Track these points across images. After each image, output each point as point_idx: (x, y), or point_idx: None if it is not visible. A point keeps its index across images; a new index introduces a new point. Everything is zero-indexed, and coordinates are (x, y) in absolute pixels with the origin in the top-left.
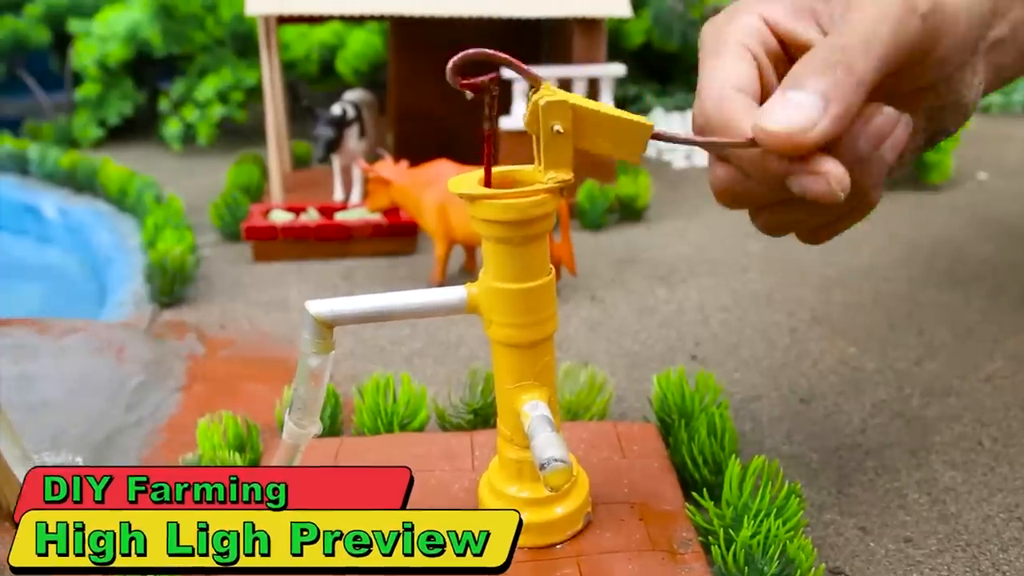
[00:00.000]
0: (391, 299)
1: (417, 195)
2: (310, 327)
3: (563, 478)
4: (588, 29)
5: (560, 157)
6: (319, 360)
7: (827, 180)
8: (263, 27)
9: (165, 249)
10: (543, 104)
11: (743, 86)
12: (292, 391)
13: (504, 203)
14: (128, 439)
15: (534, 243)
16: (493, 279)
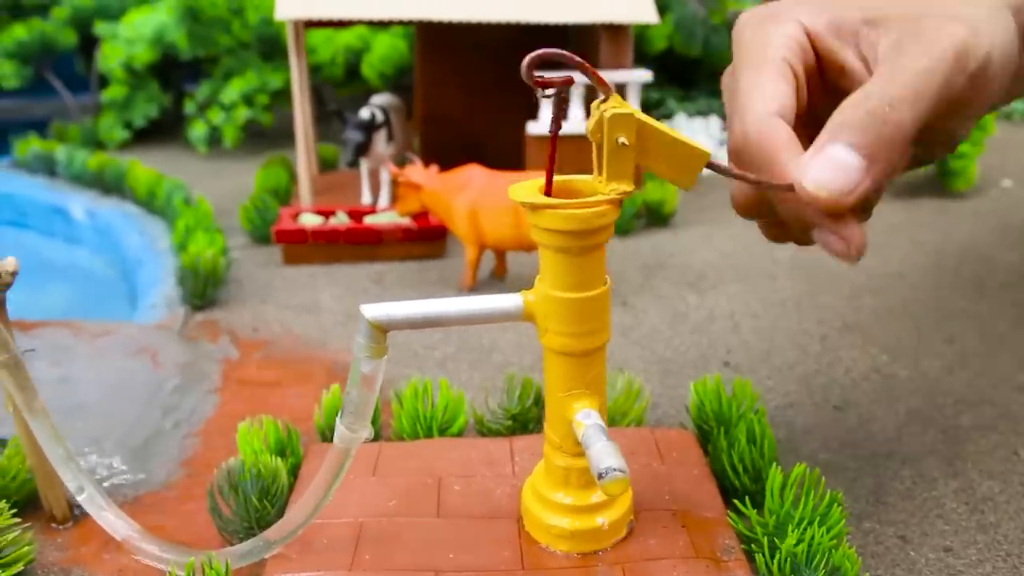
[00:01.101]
0: (446, 305)
1: (448, 199)
2: (365, 331)
3: (621, 487)
4: (615, 35)
5: (623, 169)
6: (372, 364)
7: (847, 246)
8: (292, 31)
9: (197, 252)
10: (609, 116)
11: (784, 111)
12: (344, 395)
13: (567, 213)
14: (166, 442)
15: (593, 253)
16: (550, 287)
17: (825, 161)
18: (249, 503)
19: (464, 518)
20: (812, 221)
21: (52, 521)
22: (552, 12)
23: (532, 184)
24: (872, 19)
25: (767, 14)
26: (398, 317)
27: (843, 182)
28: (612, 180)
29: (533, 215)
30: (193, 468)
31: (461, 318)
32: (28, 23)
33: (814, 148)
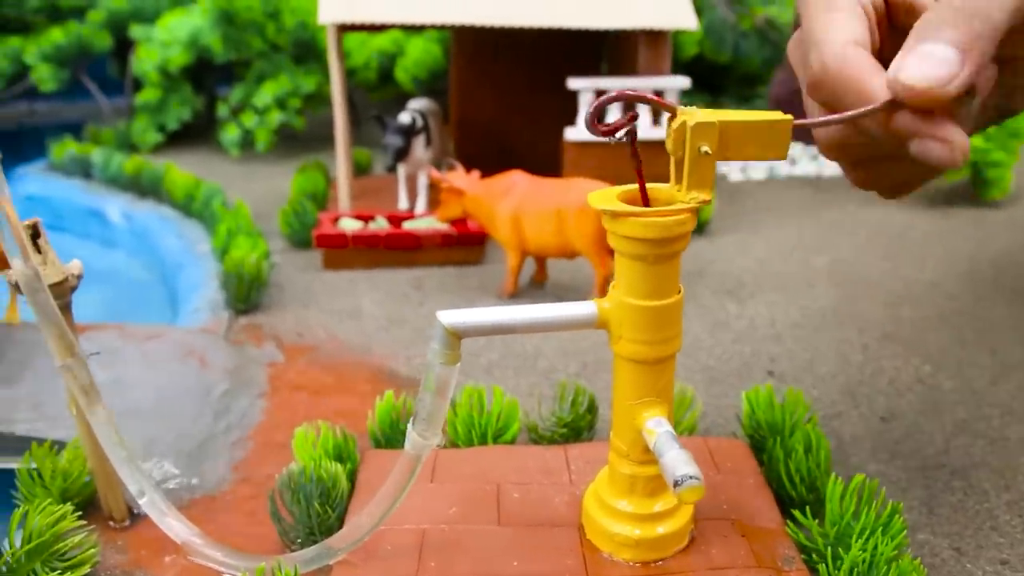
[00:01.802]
0: (521, 312)
1: (491, 206)
2: (440, 338)
3: (697, 494)
4: (653, 41)
5: (703, 177)
6: (446, 371)
7: (951, 148)
8: (332, 35)
9: (240, 256)
10: (692, 126)
11: (862, 43)
12: (417, 401)
13: (648, 221)
14: (218, 447)
15: (669, 261)
16: (625, 295)
17: (919, 57)
18: (311, 508)
19: (525, 526)
20: (909, 131)
21: (110, 521)
22: (591, 18)
23: (611, 192)
24: None
25: None
26: (474, 324)
27: (941, 73)
28: (692, 188)
29: (613, 222)
30: (246, 473)
31: (535, 325)
32: (65, 26)
33: (904, 50)
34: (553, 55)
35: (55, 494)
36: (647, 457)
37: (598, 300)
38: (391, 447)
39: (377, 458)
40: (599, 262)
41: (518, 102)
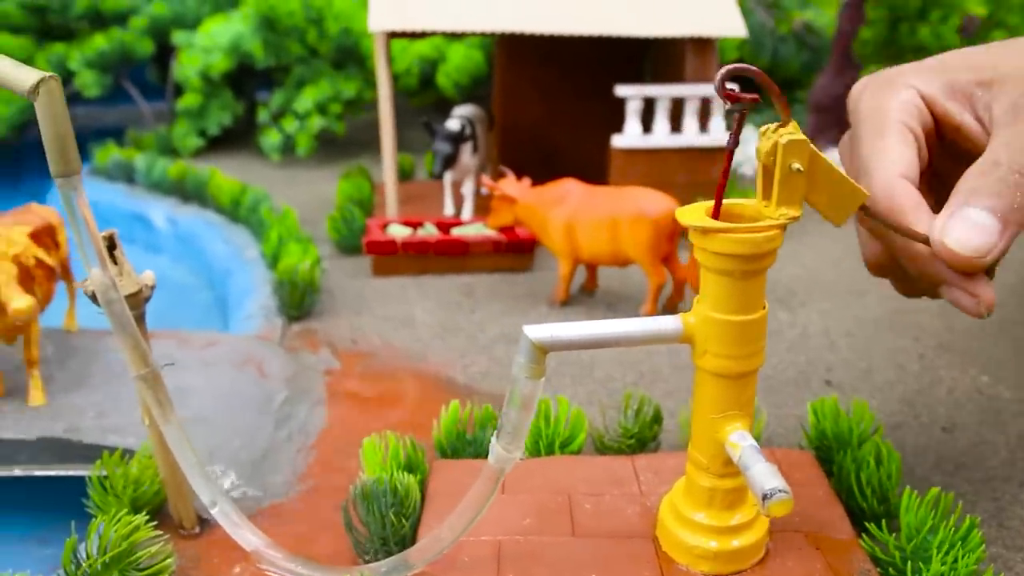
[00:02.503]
0: (607, 327)
1: (544, 213)
2: (527, 352)
3: (786, 508)
4: (701, 48)
5: (793, 194)
6: (531, 385)
7: (978, 303)
8: (381, 42)
9: (292, 263)
10: (785, 142)
11: (909, 174)
12: (502, 415)
13: (738, 237)
14: (281, 455)
15: (756, 277)
16: (711, 310)
17: (963, 222)
18: (386, 519)
19: (599, 537)
20: (942, 279)
21: (180, 529)
22: (641, 26)
23: (698, 207)
24: (984, 81)
25: (883, 82)
26: (560, 339)
27: (981, 242)
28: (782, 205)
29: (703, 238)
30: (311, 482)
31: (620, 340)
32: (108, 33)
33: (948, 209)
34: (596, 61)
35: (126, 502)
36: (727, 470)
37: (683, 315)
38: (456, 457)
39: (446, 468)
40: (653, 271)
41: (561, 108)
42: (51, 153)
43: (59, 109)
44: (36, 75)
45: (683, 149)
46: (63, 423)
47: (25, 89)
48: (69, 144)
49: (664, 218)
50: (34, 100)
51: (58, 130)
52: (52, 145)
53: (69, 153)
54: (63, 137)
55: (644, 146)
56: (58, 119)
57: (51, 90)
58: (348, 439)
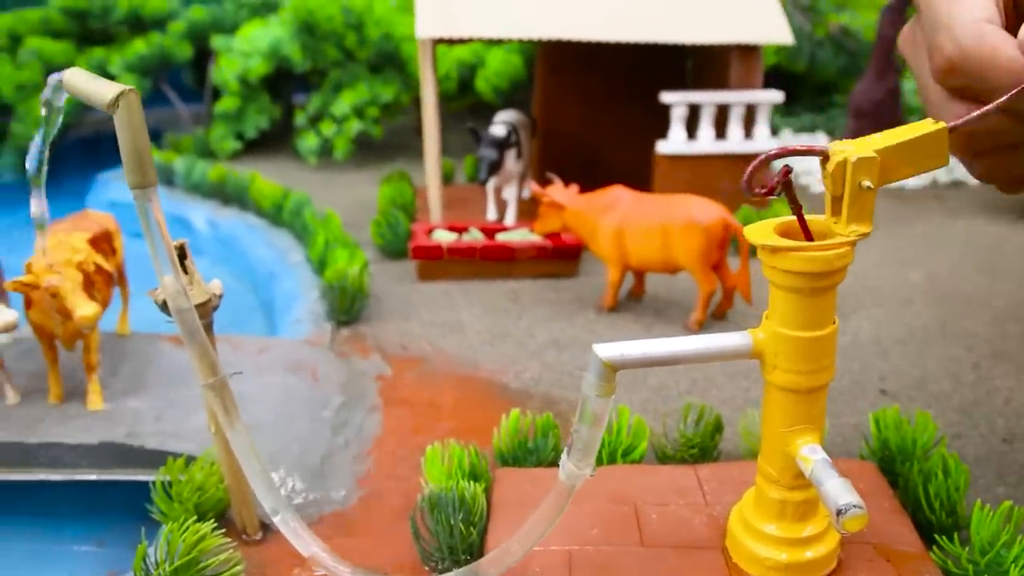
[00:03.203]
0: (677, 344)
1: (593, 220)
2: (597, 370)
3: (861, 523)
4: (746, 56)
5: (863, 211)
6: (601, 403)
7: None
8: (428, 48)
9: (341, 267)
10: (854, 161)
11: (993, 22)
12: (573, 432)
13: (809, 255)
14: (340, 462)
15: (826, 294)
16: (780, 326)
17: None
18: (455, 529)
19: (668, 547)
20: None
21: (243, 535)
22: (686, 32)
23: (766, 225)
24: None
25: None
26: (631, 357)
27: None
28: (852, 222)
29: (773, 256)
30: (371, 489)
31: (690, 357)
32: (147, 37)
33: None
34: (636, 67)
35: (191, 508)
36: (798, 482)
37: (752, 331)
38: (518, 465)
39: (509, 477)
40: (703, 278)
41: (601, 114)
42: (128, 165)
43: (137, 122)
44: (116, 88)
45: (727, 156)
46: (123, 428)
47: (105, 102)
48: (146, 156)
49: (715, 226)
50: (113, 113)
51: (136, 143)
52: (130, 157)
53: (146, 165)
54: (141, 149)
55: (688, 152)
56: (136, 132)
57: (130, 103)
58: (405, 446)
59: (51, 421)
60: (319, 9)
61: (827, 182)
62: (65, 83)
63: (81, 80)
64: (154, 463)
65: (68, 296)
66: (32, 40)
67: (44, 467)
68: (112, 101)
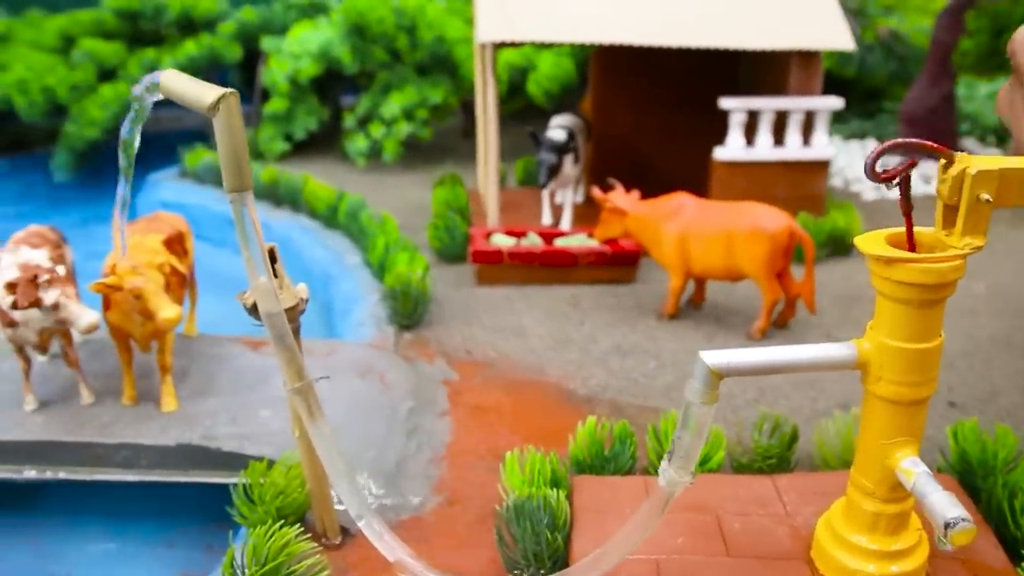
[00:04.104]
0: (783, 353)
1: (656, 226)
2: (703, 377)
3: (968, 537)
4: (806, 62)
5: (979, 224)
6: (705, 411)
7: None
8: (489, 52)
9: (403, 271)
10: (974, 174)
11: None
12: (674, 439)
13: (924, 267)
14: (414, 466)
15: (935, 306)
16: (888, 337)
17: None
18: (541, 536)
19: (754, 558)
20: None
21: (323, 539)
22: (745, 38)
23: (877, 235)
24: None
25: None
26: (736, 365)
27: None
28: (967, 234)
29: (886, 267)
30: (448, 494)
31: (795, 366)
32: (198, 39)
33: None
34: (691, 71)
35: (272, 512)
36: (893, 495)
37: (858, 341)
38: (594, 473)
39: (589, 484)
40: (768, 287)
41: (654, 118)
42: (227, 168)
43: (237, 125)
44: (216, 91)
45: (785, 163)
46: (198, 430)
47: (205, 105)
48: (243, 160)
49: (781, 233)
50: (213, 116)
51: (235, 145)
52: (228, 160)
53: (243, 169)
54: (238, 153)
55: (746, 159)
56: (235, 135)
57: (230, 106)
58: (477, 451)
59: (126, 422)
60: (370, 11)
61: (942, 188)
62: (162, 85)
63: (179, 82)
64: (229, 465)
65: (151, 298)
66: (85, 41)
67: (119, 468)
68: (213, 104)
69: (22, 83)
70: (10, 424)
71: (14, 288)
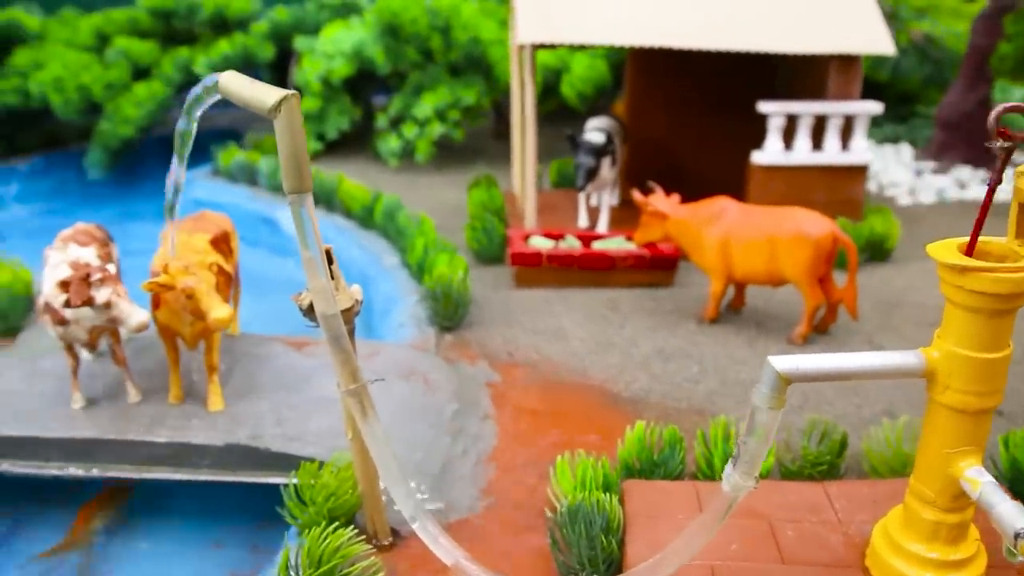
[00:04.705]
0: (850, 360)
1: (698, 231)
2: (771, 382)
3: None
4: (846, 66)
5: None
6: (772, 416)
7: None
8: (528, 53)
9: (444, 273)
10: None
11: None
12: (739, 444)
13: (999, 276)
14: (461, 470)
15: (1007, 316)
16: (957, 346)
17: None
18: (596, 540)
19: (809, 565)
20: None
21: (373, 540)
22: (785, 41)
23: (949, 244)
24: None
25: None
26: (804, 370)
27: None
28: None
29: (958, 276)
30: (495, 497)
31: (862, 373)
32: (231, 38)
33: None
34: (727, 74)
35: (324, 513)
36: (955, 504)
37: (925, 349)
38: (644, 477)
39: (639, 489)
40: (810, 292)
41: (689, 121)
42: (287, 170)
43: (298, 126)
44: (278, 93)
45: (824, 167)
46: (246, 430)
47: (266, 107)
48: (303, 161)
49: (825, 239)
50: (274, 118)
51: (296, 147)
52: (289, 162)
53: (303, 170)
54: (299, 154)
55: (784, 163)
56: (296, 136)
57: (292, 108)
58: (523, 454)
59: (173, 421)
60: (403, 11)
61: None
62: (221, 86)
63: (238, 83)
64: (276, 466)
65: (203, 298)
66: (119, 40)
67: (167, 467)
68: (274, 106)
69: (58, 81)
70: (58, 422)
71: (67, 286)
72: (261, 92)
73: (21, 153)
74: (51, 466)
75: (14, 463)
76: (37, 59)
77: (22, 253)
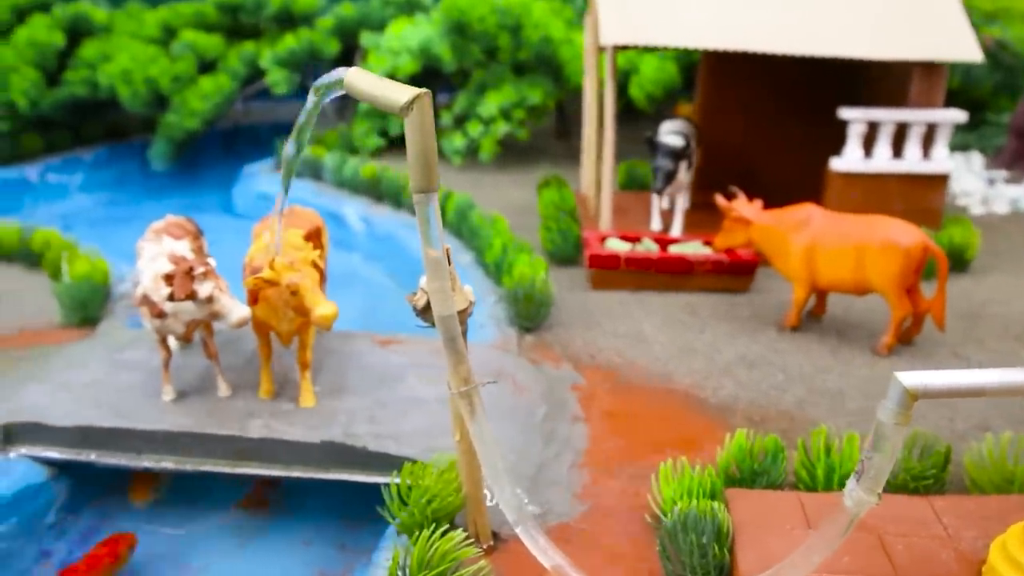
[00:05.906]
0: (982, 376)
1: (783, 237)
2: (898, 399)
3: None
4: (930, 73)
5: None
6: (898, 432)
7: None
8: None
9: (525, 273)
10: None
11: None
12: (863, 459)
13: None
14: (555, 473)
15: None
16: None
17: None
18: (709, 549)
19: None
20: None
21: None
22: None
23: None
24: None
25: None
26: (933, 387)
27: None
28: None
29: None
30: (591, 501)
31: (996, 390)
32: (297, 33)
33: None
34: (805, 80)
35: (428, 515)
36: None
37: None
38: (745, 486)
39: (744, 498)
40: (898, 302)
41: (764, 125)
42: (415, 169)
43: (428, 125)
44: (410, 92)
45: (903, 175)
46: (339, 428)
47: (398, 106)
48: (432, 161)
49: (916, 248)
50: (406, 116)
51: (425, 146)
52: (417, 161)
53: (431, 170)
54: (428, 153)
55: (864, 170)
56: (427, 135)
57: (423, 107)
58: (616, 458)
59: (266, 417)
60: (471, 9)
61: None
62: (347, 84)
63: (366, 81)
64: (372, 465)
65: (307, 295)
66: (186, 33)
67: (259, 463)
68: (406, 104)
69: (126, 73)
70: (150, 415)
71: (171, 280)
72: (391, 90)
73: (85, 143)
74: (148, 458)
75: (101, 454)
76: (105, 51)
77: (88, 242)
